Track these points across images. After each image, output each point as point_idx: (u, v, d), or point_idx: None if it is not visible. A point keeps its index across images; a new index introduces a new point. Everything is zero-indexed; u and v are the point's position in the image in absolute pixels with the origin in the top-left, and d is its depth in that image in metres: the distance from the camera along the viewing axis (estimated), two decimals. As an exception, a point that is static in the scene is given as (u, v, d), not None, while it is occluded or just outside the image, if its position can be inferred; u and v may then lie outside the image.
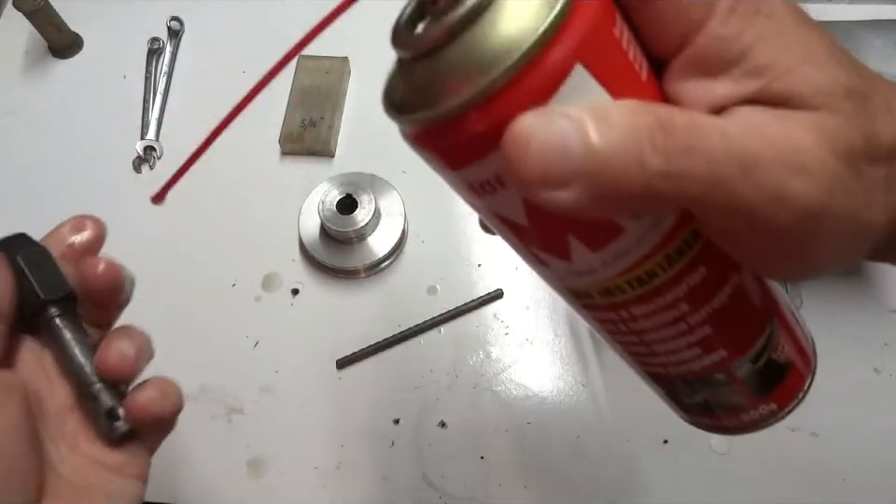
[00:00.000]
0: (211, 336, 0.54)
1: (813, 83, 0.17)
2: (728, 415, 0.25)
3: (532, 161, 0.16)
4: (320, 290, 0.56)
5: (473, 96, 0.17)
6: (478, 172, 0.18)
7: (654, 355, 0.23)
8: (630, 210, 0.19)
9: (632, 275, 0.20)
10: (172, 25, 0.67)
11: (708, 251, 0.20)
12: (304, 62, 0.63)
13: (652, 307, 0.21)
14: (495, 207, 0.20)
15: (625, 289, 0.21)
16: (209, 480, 0.49)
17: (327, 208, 0.54)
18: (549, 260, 0.21)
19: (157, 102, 0.64)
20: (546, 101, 0.17)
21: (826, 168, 0.17)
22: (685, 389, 0.25)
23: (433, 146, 0.19)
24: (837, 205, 0.18)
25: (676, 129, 0.16)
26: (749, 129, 0.17)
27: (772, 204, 0.17)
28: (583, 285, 0.22)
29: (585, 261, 0.20)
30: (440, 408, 0.51)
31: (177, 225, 0.58)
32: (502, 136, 0.16)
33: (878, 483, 0.48)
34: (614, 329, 0.23)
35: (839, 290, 0.54)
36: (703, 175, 0.16)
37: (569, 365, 0.52)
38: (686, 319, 0.21)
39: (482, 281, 0.56)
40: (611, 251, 0.20)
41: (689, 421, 0.27)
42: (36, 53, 0.67)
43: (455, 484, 0.49)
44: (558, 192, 0.17)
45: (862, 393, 0.50)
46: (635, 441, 0.50)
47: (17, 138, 0.63)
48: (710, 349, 0.22)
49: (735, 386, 0.23)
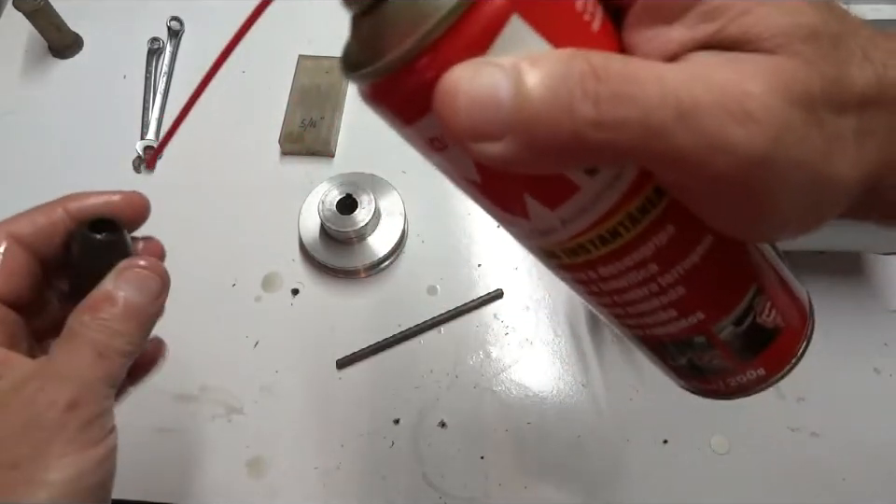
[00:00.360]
0: (211, 336, 0.54)
1: (770, 24, 0.17)
2: (715, 379, 0.25)
3: (461, 114, 0.16)
4: (320, 290, 0.56)
5: (411, 48, 0.17)
6: (428, 127, 0.18)
7: (631, 316, 0.23)
8: (568, 163, 0.18)
9: (594, 234, 0.20)
10: (172, 25, 0.67)
11: (675, 209, 0.20)
12: (304, 62, 0.63)
13: (620, 267, 0.21)
14: (451, 164, 0.20)
15: (590, 249, 0.20)
16: (209, 480, 0.49)
17: (327, 208, 0.54)
18: (511, 220, 0.21)
19: (157, 102, 0.64)
20: (483, 52, 0.17)
21: (773, 114, 0.16)
22: (669, 352, 0.24)
23: (383, 101, 0.19)
24: (787, 154, 0.16)
25: (609, 76, 0.16)
26: (694, 74, 0.16)
27: (711, 152, 0.16)
28: (548, 244, 0.21)
29: (544, 220, 0.20)
30: (440, 408, 0.51)
31: (177, 225, 0.58)
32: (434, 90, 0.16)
33: (878, 483, 0.48)
34: (587, 291, 0.23)
35: (839, 290, 0.54)
36: (636, 123, 0.16)
37: (569, 365, 0.52)
38: (657, 280, 0.21)
39: (482, 281, 0.56)
40: (569, 209, 0.19)
41: (681, 386, 0.27)
42: (36, 53, 0.67)
43: (455, 484, 0.49)
44: (490, 145, 0.16)
45: (862, 393, 0.50)
46: (635, 441, 0.50)
47: (17, 138, 0.63)
48: (686, 311, 0.22)
49: (717, 350, 0.23)
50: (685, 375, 0.26)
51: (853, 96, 0.17)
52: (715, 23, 0.17)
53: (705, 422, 0.50)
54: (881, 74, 0.18)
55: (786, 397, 0.51)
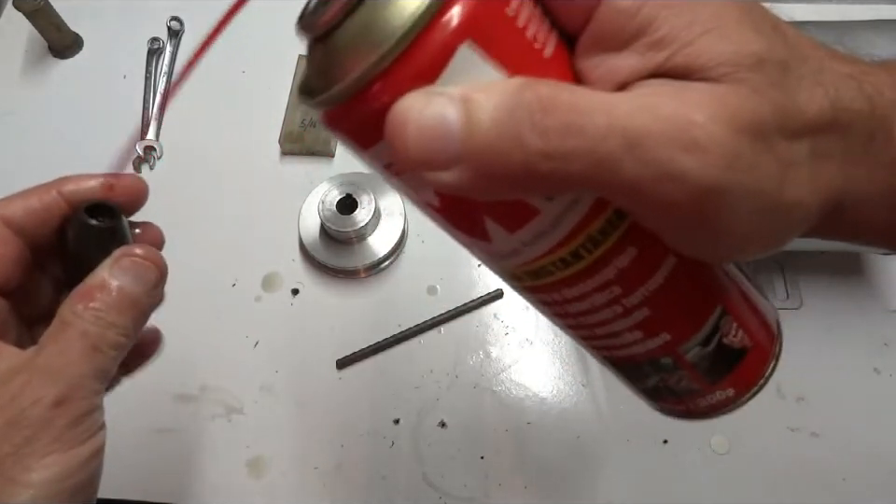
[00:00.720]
0: (211, 336, 0.54)
1: (714, 54, 0.17)
2: (683, 400, 0.25)
3: (411, 143, 0.16)
4: (320, 290, 0.56)
5: (361, 76, 0.17)
6: (384, 152, 0.18)
7: (598, 338, 0.23)
8: (520, 191, 0.18)
9: (555, 257, 0.20)
10: (172, 25, 0.67)
11: (636, 231, 0.20)
12: (304, 62, 0.63)
13: (583, 289, 0.21)
14: (409, 188, 0.20)
15: (552, 271, 0.20)
16: (209, 480, 0.49)
17: (327, 208, 0.54)
18: (472, 243, 0.21)
19: (157, 102, 0.64)
20: (433, 80, 0.17)
21: (720, 143, 0.16)
22: (637, 373, 0.24)
23: (339, 127, 0.19)
24: (739, 183, 0.16)
25: (557, 106, 0.16)
26: (642, 104, 0.16)
27: (661, 182, 0.16)
28: (511, 266, 0.21)
29: (505, 243, 0.20)
30: (440, 408, 0.51)
31: (177, 225, 0.58)
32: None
33: (878, 483, 0.48)
34: (553, 312, 0.23)
35: (839, 290, 0.54)
36: (583, 153, 0.16)
37: (569, 365, 0.52)
38: (621, 302, 0.21)
39: (482, 281, 0.56)
40: (529, 232, 0.19)
41: (654, 407, 0.27)
42: (36, 53, 0.67)
43: (455, 484, 0.49)
44: (441, 174, 0.16)
45: (862, 393, 0.50)
46: (635, 441, 0.50)
47: (17, 138, 0.63)
48: (652, 332, 0.22)
49: (685, 371, 0.23)
50: (656, 396, 0.25)
51: (805, 122, 0.17)
52: (663, 53, 0.17)
53: (705, 422, 0.50)
54: (833, 97, 0.18)
55: (786, 397, 0.51)
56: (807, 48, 0.18)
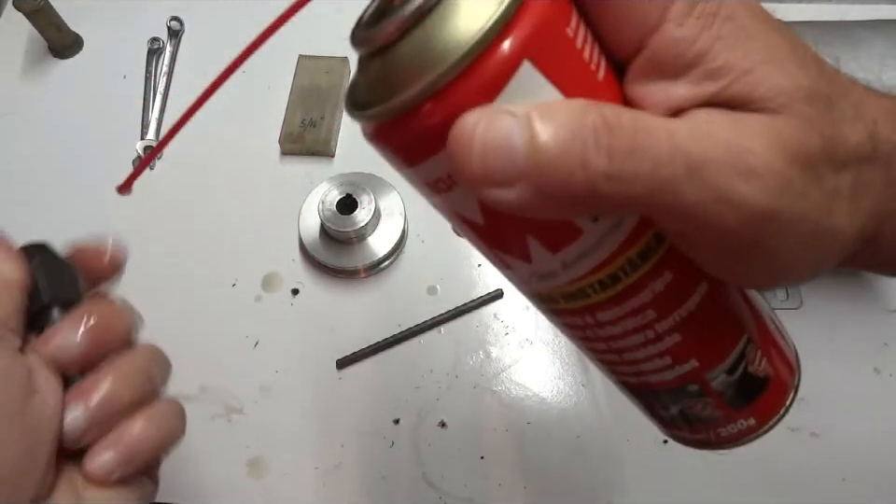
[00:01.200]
0: (211, 336, 0.54)
1: (772, 85, 0.17)
2: (706, 429, 0.25)
3: (475, 160, 0.16)
4: (320, 290, 0.56)
5: (421, 91, 0.17)
6: (432, 169, 0.18)
7: (626, 363, 0.23)
8: (578, 211, 0.18)
9: (594, 279, 0.20)
10: (172, 25, 0.67)
11: (674, 256, 0.20)
12: (304, 62, 0.63)
13: (618, 313, 0.21)
14: (453, 206, 0.20)
15: (589, 293, 0.20)
16: (209, 480, 0.49)
17: (327, 208, 0.54)
18: (510, 262, 0.21)
19: (157, 102, 0.64)
20: (493, 98, 0.17)
21: (776, 172, 0.17)
22: (660, 401, 0.24)
23: (388, 142, 0.19)
24: (790, 209, 0.17)
25: (622, 129, 0.16)
26: (701, 131, 0.17)
27: (718, 206, 0.17)
28: (547, 288, 0.21)
29: (545, 263, 0.20)
30: (440, 408, 0.51)
31: (177, 225, 0.58)
32: (448, 134, 0.17)
33: (878, 483, 0.48)
34: (583, 336, 0.23)
35: (839, 290, 0.54)
36: (647, 176, 0.16)
37: (569, 365, 0.52)
38: (654, 327, 0.21)
39: (482, 281, 0.56)
40: (571, 253, 0.19)
41: (668, 435, 0.27)
42: (36, 53, 0.67)
43: (455, 484, 0.49)
44: (502, 191, 0.17)
45: (862, 393, 0.50)
46: (635, 442, 0.50)
47: (17, 138, 0.63)
48: (681, 358, 0.22)
49: (710, 398, 0.23)
50: (674, 425, 0.25)
51: (848, 153, 0.18)
52: (718, 83, 0.17)
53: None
54: (872, 131, 0.19)
55: (786, 397, 0.51)
56: (846, 83, 0.19)
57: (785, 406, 0.24)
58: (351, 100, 0.20)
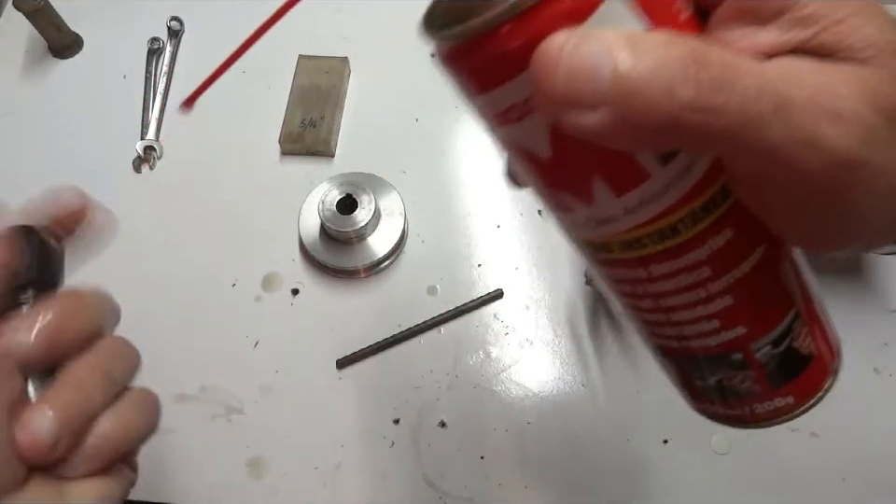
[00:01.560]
0: (211, 336, 0.54)
1: (862, 36, 0.17)
2: (741, 404, 0.24)
3: (560, 80, 0.16)
4: (320, 290, 0.56)
5: (506, 11, 0.17)
6: (506, 95, 0.18)
7: (670, 325, 0.22)
8: (658, 141, 0.18)
9: (654, 228, 0.20)
10: (172, 25, 0.67)
11: (736, 213, 0.20)
12: (304, 62, 0.63)
13: (672, 267, 0.20)
14: (520, 137, 0.19)
15: (646, 243, 0.20)
16: (209, 480, 0.49)
17: (327, 208, 0.54)
18: (570, 203, 0.20)
19: (157, 102, 0.64)
20: (579, 23, 0.17)
21: (862, 119, 0.17)
22: (698, 369, 0.24)
23: (464, 64, 0.19)
24: (874, 160, 0.17)
25: (710, 62, 0.16)
26: (789, 73, 0.17)
27: (803, 148, 0.17)
28: (603, 235, 0.21)
29: (607, 207, 0.20)
30: (440, 408, 0.51)
31: (177, 225, 0.58)
32: (533, 55, 0.16)
33: (878, 483, 0.48)
34: (631, 292, 0.22)
35: (839, 290, 0.54)
36: (733, 111, 0.16)
37: (569, 365, 0.52)
38: (706, 286, 0.21)
39: (482, 281, 0.56)
40: (635, 197, 0.19)
41: (697, 408, 0.26)
42: (36, 53, 0.67)
43: (455, 484, 0.49)
44: (584, 114, 0.16)
45: (862, 393, 0.50)
46: (635, 441, 0.50)
47: (17, 138, 0.63)
48: (729, 323, 0.21)
49: (751, 370, 0.23)
50: (707, 398, 0.25)
51: None
52: (809, 30, 0.17)
53: (705, 422, 0.49)
54: None
55: (786, 397, 0.51)
56: None
57: (824, 388, 0.24)
58: (429, 19, 0.19)
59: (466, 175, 0.59)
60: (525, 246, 0.57)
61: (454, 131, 0.62)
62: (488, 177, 0.59)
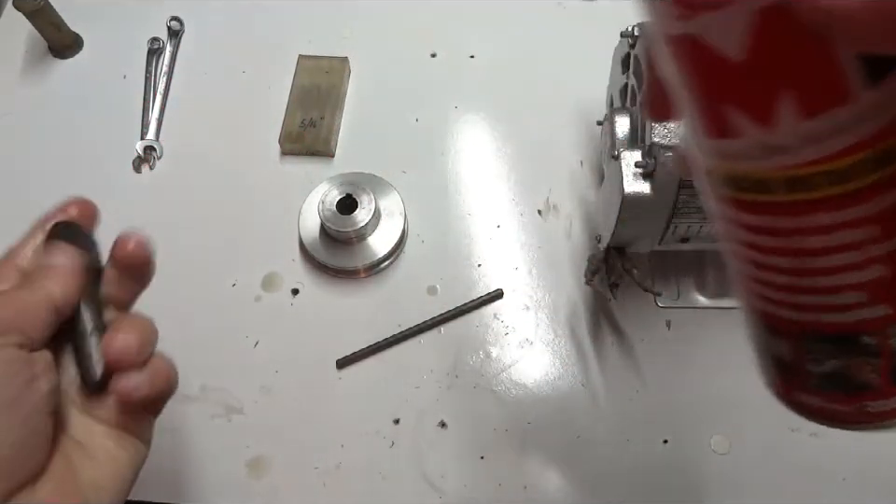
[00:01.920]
0: (211, 336, 0.54)
1: None
2: (851, 398, 0.21)
3: None
4: (320, 290, 0.56)
5: None
6: None
7: (805, 291, 0.19)
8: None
9: (830, 167, 0.17)
10: (172, 25, 0.67)
11: None
12: (304, 62, 0.63)
13: (836, 219, 0.18)
14: (708, 31, 0.17)
15: (816, 185, 0.17)
16: (209, 480, 0.49)
17: (327, 208, 0.54)
18: (741, 125, 0.18)
19: (157, 102, 0.64)
20: None
21: None
22: (818, 350, 0.21)
23: None
24: None
25: None
26: None
27: None
28: (767, 169, 0.18)
29: (787, 132, 0.17)
30: (440, 408, 0.51)
31: (177, 224, 0.58)
32: None
33: (878, 483, 0.48)
34: (771, 247, 0.19)
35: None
36: None
37: (569, 365, 0.52)
38: (865, 248, 0.18)
39: (482, 281, 0.56)
40: (823, 124, 0.17)
41: (788, 399, 0.23)
42: (36, 53, 0.67)
43: (455, 484, 0.49)
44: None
45: (862, 393, 0.50)
46: (635, 441, 0.50)
47: (17, 138, 0.63)
48: (875, 299, 0.19)
49: (880, 359, 0.20)
50: (811, 387, 0.22)
51: None
52: None
53: (705, 422, 0.50)
54: None
55: (786, 397, 0.51)
56: None
57: None
58: None
59: (466, 175, 0.60)
60: (525, 246, 0.57)
61: (454, 131, 0.62)
62: (488, 177, 0.59)
